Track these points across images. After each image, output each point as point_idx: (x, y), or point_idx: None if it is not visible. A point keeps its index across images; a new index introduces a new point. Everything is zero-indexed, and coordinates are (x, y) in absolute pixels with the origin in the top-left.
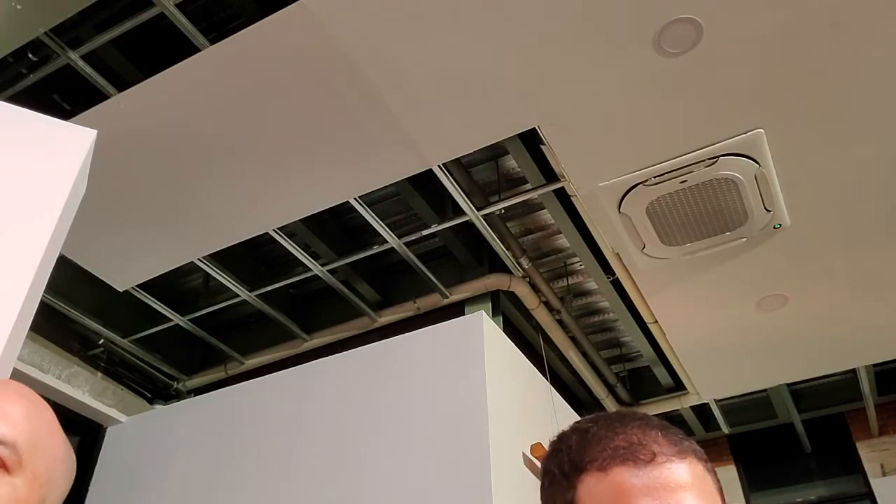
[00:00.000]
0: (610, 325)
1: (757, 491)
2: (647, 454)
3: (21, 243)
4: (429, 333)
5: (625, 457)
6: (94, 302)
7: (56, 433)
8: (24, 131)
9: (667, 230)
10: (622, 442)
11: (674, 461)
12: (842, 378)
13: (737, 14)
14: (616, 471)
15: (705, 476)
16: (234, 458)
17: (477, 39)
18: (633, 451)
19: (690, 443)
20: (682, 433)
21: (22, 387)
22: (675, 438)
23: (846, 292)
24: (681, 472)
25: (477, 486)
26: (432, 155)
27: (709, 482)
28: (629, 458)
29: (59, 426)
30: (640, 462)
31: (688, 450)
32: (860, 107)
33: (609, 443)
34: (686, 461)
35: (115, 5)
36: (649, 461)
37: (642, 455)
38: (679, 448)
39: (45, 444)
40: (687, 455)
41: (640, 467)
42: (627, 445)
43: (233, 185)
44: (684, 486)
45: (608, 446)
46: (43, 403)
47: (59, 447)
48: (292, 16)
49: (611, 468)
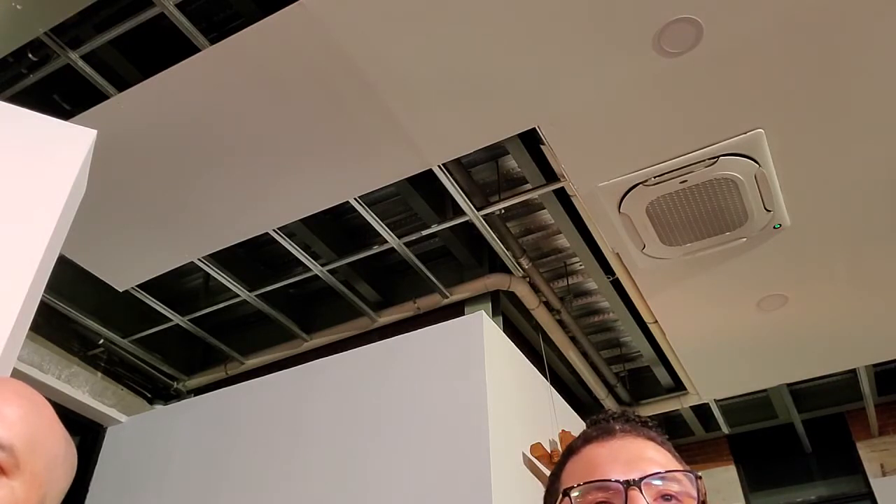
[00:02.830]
0: (610, 325)
1: (757, 491)
2: (610, 431)
3: (21, 243)
4: (429, 333)
5: (593, 438)
6: (94, 302)
7: (55, 430)
8: (24, 131)
9: (667, 230)
10: (592, 431)
11: (631, 434)
12: (842, 378)
13: (737, 14)
14: (586, 448)
15: (661, 447)
16: (234, 458)
17: (477, 39)
18: (598, 432)
19: (650, 428)
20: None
21: (19, 384)
22: (636, 423)
23: (846, 292)
24: (638, 442)
25: (477, 486)
26: (432, 155)
27: (664, 452)
28: (596, 438)
29: (58, 422)
30: (603, 438)
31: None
32: (860, 107)
33: (578, 437)
34: (642, 436)
35: (115, 5)
36: (611, 436)
37: (606, 433)
38: (637, 428)
39: (44, 444)
40: (643, 432)
41: (604, 441)
42: (595, 430)
43: (233, 185)
44: (643, 451)
45: (578, 438)
46: (41, 400)
47: (59, 444)
48: (292, 16)
49: (583, 448)
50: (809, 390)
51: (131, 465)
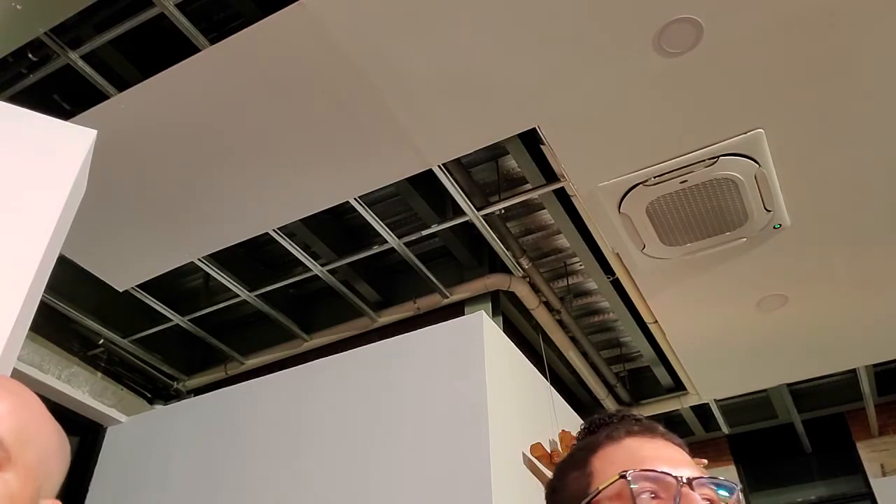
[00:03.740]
0: (610, 325)
1: (757, 491)
2: (653, 429)
3: (21, 243)
4: (429, 333)
5: (635, 431)
6: (94, 302)
7: (46, 423)
8: (24, 131)
9: (667, 230)
10: (630, 423)
11: (675, 440)
12: (842, 378)
13: (737, 14)
14: (628, 440)
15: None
16: (234, 458)
17: (477, 39)
18: (642, 427)
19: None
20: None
21: (6, 380)
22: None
23: (846, 292)
24: (676, 448)
25: (477, 486)
26: (432, 155)
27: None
28: (639, 432)
29: (49, 416)
30: (647, 434)
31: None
32: (860, 106)
33: (616, 426)
34: (677, 444)
35: (115, 5)
36: (655, 434)
37: (650, 430)
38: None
39: (35, 437)
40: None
41: (649, 437)
42: (637, 426)
43: (233, 185)
44: (683, 456)
45: (616, 427)
46: (30, 394)
47: (50, 437)
48: (292, 16)
49: (623, 439)
50: (809, 390)
51: (131, 465)
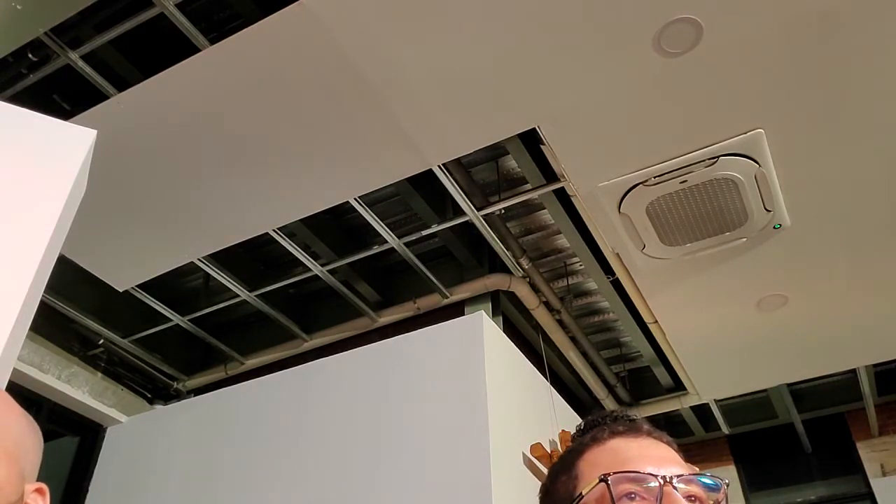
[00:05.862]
0: (610, 325)
1: (757, 491)
2: (638, 428)
3: (21, 243)
4: (429, 333)
5: (620, 432)
6: (94, 302)
7: (13, 410)
8: (24, 131)
9: (667, 230)
10: (616, 424)
11: (663, 438)
12: (842, 378)
13: (737, 14)
14: (613, 441)
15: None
16: (234, 458)
17: (477, 40)
18: (627, 427)
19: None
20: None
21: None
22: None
23: (846, 292)
24: (663, 446)
25: (477, 486)
26: (432, 155)
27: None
28: (624, 433)
29: (14, 403)
30: (632, 434)
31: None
32: (860, 107)
33: (602, 427)
34: (664, 441)
35: (115, 5)
36: (640, 433)
37: (635, 430)
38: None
39: (6, 423)
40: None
41: (633, 437)
42: (622, 426)
43: (233, 185)
44: (669, 454)
45: (602, 428)
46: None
47: (20, 421)
48: (292, 16)
49: (608, 440)
50: (809, 390)
51: (131, 465)
